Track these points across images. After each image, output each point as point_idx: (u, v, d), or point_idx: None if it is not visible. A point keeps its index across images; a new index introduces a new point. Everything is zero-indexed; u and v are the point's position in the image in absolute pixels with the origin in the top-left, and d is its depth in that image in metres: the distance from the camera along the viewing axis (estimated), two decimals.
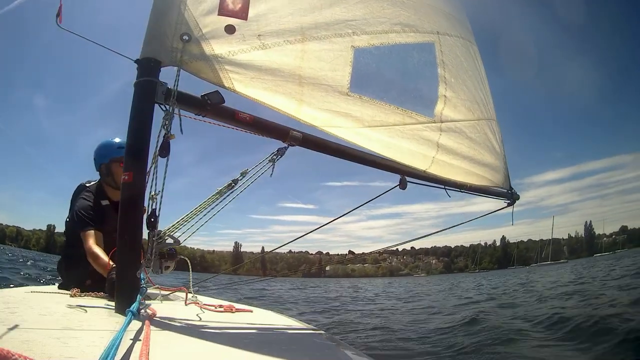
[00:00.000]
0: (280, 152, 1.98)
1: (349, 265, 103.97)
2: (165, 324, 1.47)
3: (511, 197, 3.10)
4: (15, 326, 1.11)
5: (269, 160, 1.96)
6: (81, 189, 2.79)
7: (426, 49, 2.49)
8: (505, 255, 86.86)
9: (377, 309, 10.25)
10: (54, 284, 2.94)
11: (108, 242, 2.39)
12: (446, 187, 2.72)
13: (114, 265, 1.95)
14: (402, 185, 2.48)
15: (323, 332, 1.90)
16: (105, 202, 2.68)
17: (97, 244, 2.39)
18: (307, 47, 1.96)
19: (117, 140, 2.77)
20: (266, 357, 1.19)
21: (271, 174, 1.97)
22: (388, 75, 2.29)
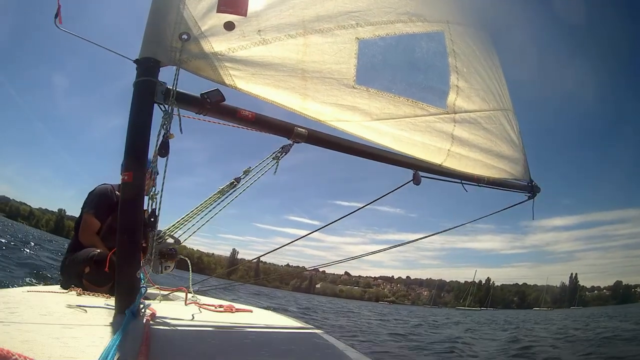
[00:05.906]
0: (285, 150, 1.91)
1: (339, 285, 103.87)
2: (165, 324, 1.46)
3: (531, 189, 2.93)
4: (15, 326, 1.11)
5: (273, 158, 1.90)
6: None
7: (435, 39, 2.39)
8: (486, 296, 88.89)
9: None
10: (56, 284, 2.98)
11: (111, 232, 2.50)
12: (463, 182, 2.60)
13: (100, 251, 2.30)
14: (416, 180, 2.36)
15: (322, 332, 1.87)
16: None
17: (93, 230, 2.56)
18: (309, 40, 1.90)
19: None
20: (266, 357, 1.17)
21: (274, 172, 1.90)
22: (396, 67, 2.20)
